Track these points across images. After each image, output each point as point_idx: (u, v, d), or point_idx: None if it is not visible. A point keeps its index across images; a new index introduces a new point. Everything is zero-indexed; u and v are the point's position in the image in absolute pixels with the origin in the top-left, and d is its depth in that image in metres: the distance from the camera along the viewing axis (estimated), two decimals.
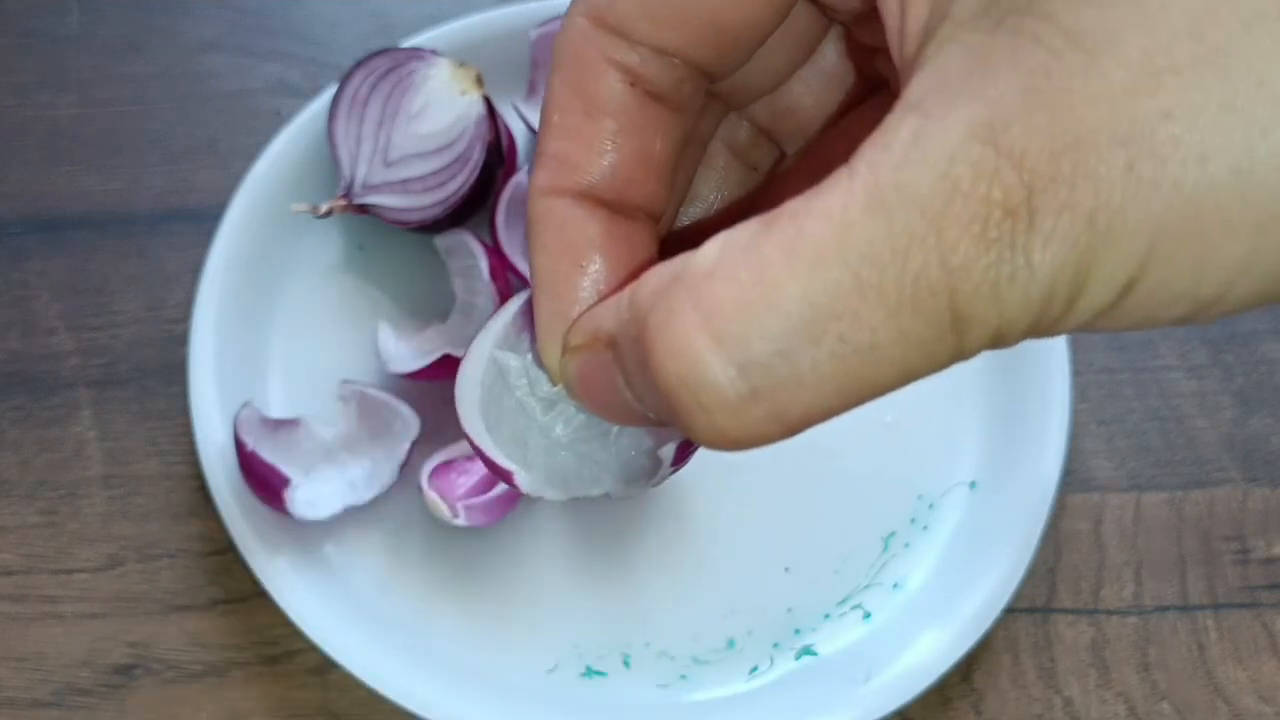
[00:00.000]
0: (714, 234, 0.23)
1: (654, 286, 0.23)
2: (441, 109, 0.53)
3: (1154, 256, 0.20)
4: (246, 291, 0.54)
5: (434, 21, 0.57)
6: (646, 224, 0.28)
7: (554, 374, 0.28)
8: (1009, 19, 0.21)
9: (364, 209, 0.53)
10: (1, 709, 0.50)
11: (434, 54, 0.53)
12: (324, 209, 0.52)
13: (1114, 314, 0.21)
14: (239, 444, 0.49)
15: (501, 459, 0.30)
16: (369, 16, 0.62)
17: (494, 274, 0.52)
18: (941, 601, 0.50)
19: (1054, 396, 0.52)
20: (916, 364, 0.22)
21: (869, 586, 0.52)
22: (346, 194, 0.52)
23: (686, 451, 0.30)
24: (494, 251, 0.53)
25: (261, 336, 0.54)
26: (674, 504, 0.53)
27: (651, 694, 0.50)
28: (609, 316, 0.25)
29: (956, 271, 0.21)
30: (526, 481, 0.30)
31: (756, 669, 0.50)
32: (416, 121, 0.53)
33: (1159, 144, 0.20)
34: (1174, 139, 0.20)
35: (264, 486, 0.48)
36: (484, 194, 0.54)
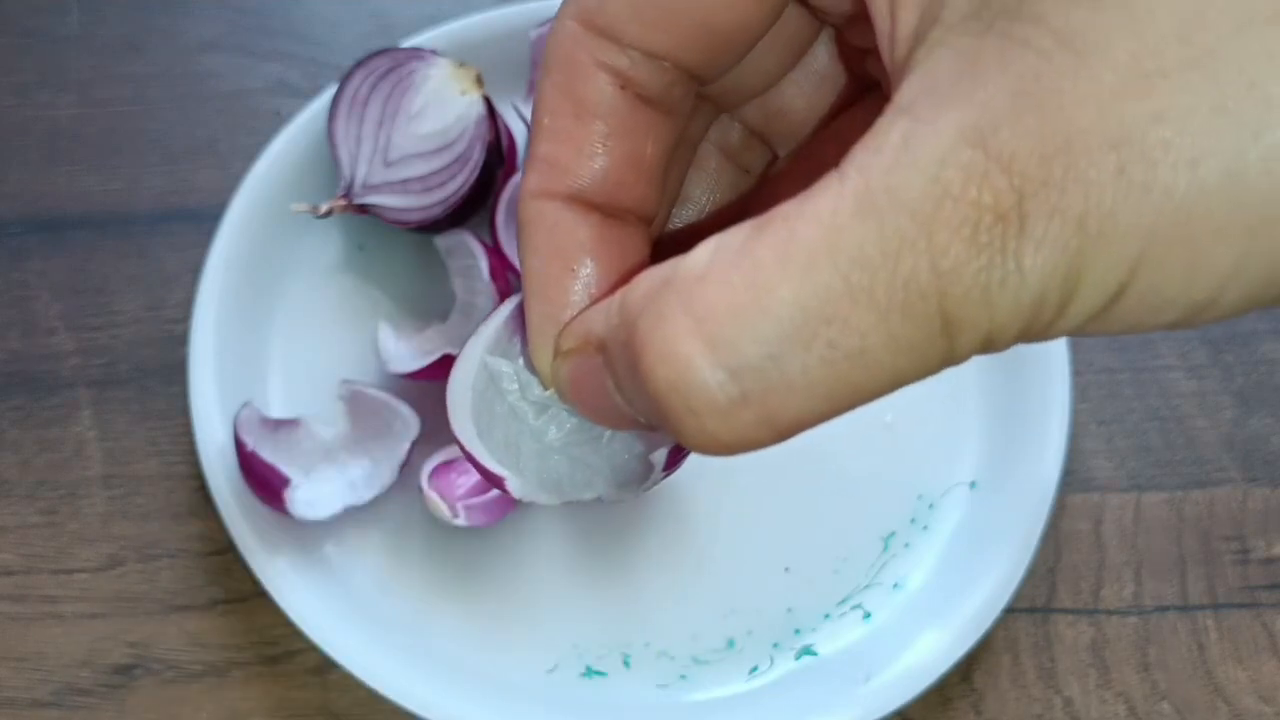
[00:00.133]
0: (706, 237, 0.23)
1: (645, 290, 0.23)
2: (441, 109, 0.53)
3: (1145, 261, 0.20)
4: (246, 291, 0.54)
5: (434, 21, 0.57)
6: (638, 227, 0.28)
7: (545, 378, 0.28)
8: (998, 22, 0.21)
9: (364, 209, 0.53)
10: (1, 709, 0.50)
11: (434, 54, 0.53)
12: (324, 209, 0.52)
13: (1105, 319, 0.21)
14: (239, 444, 0.49)
15: (493, 464, 0.30)
16: (369, 16, 0.62)
17: (494, 274, 0.52)
18: (941, 601, 0.50)
19: (1054, 396, 0.52)
20: (907, 368, 0.22)
21: (869, 586, 0.51)
22: (346, 194, 0.52)
23: (678, 456, 0.30)
24: (494, 251, 0.53)
25: (261, 336, 0.54)
26: (674, 504, 0.53)
27: (651, 694, 0.50)
28: (600, 320, 0.25)
29: (947, 275, 0.20)
30: (518, 487, 0.30)
31: (756, 669, 0.50)
32: (416, 121, 0.53)
33: (1149, 147, 0.20)
34: (1164, 142, 0.20)
35: (264, 486, 0.48)
36: (484, 194, 0.54)
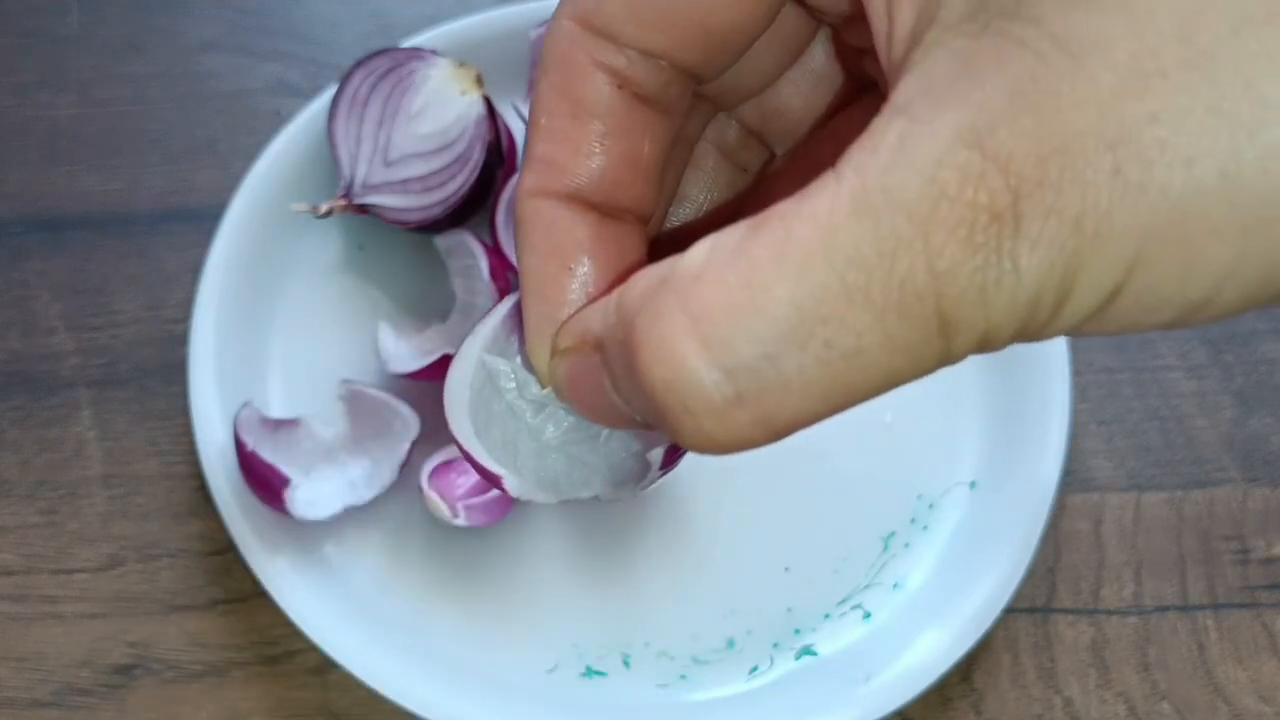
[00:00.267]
0: (703, 236, 0.23)
1: (641, 289, 0.23)
2: (441, 109, 0.53)
3: (1141, 261, 0.20)
4: (246, 291, 0.54)
5: (434, 21, 0.57)
6: (635, 226, 0.28)
7: (543, 376, 0.28)
8: (995, 23, 0.21)
9: (364, 209, 0.53)
10: (1, 709, 0.50)
11: (434, 54, 0.53)
12: (324, 209, 0.52)
13: (1101, 318, 0.21)
14: (239, 444, 0.49)
15: (490, 463, 0.30)
16: (369, 16, 0.62)
17: (494, 274, 0.52)
18: (941, 601, 0.50)
19: (1054, 396, 0.52)
20: (903, 368, 0.22)
21: (869, 586, 0.51)
22: (346, 194, 0.52)
23: (675, 455, 0.30)
24: (494, 251, 0.53)
25: (261, 336, 0.54)
26: (674, 504, 0.53)
27: (651, 694, 0.50)
28: (597, 319, 0.25)
29: (943, 276, 0.20)
30: (515, 485, 0.30)
31: (756, 669, 0.50)
32: (416, 121, 0.53)
33: (1146, 147, 0.20)
34: (1161, 142, 0.20)
35: (264, 486, 0.48)
36: (484, 194, 0.54)
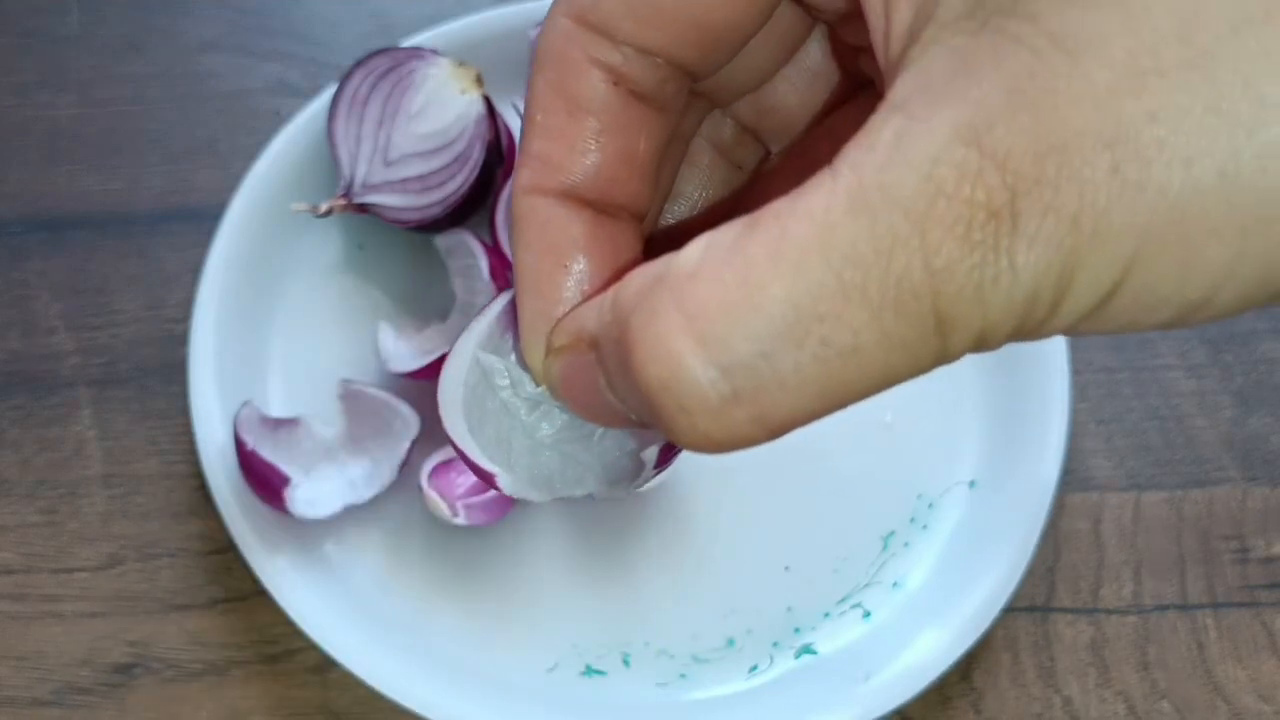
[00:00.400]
0: (698, 233, 0.23)
1: (637, 287, 0.23)
2: (441, 108, 0.53)
3: (1139, 260, 0.20)
4: (246, 291, 0.54)
5: (434, 21, 0.57)
6: (630, 223, 0.28)
7: (537, 374, 0.28)
8: (993, 21, 0.21)
9: (364, 209, 0.53)
10: (1, 708, 0.50)
11: (434, 53, 0.53)
12: (324, 209, 0.52)
13: (1098, 317, 0.21)
14: (239, 443, 0.49)
15: (484, 461, 0.30)
16: (369, 16, 0.62)
17: (494, 274, 0.52)
18: (941, 601, 0.50)
19: (1054, 396, 0.52)
20: (899, 367, 0.22)
21: (868, 585, 0.51)
22: (346, 194, 0.52)
23: (670, 454, 0.30)
24: (494, 251, 0.53)
25: (261, 336, 0.54)
26: (674, 504, 0.53)
27: (651, 693, 0.50)
28: (592, 317, 0.25)
29: (940, 273, 0.20)
30: (509, 483, 0.30)
31: (756, 668, 0.50)
32: (416, 121, 0.53)
33: (1144, 146, 0.20)
34: (1159, 141, 0.20)
35: (264, 485, 0.48)
36: (484, 193, 0.54)
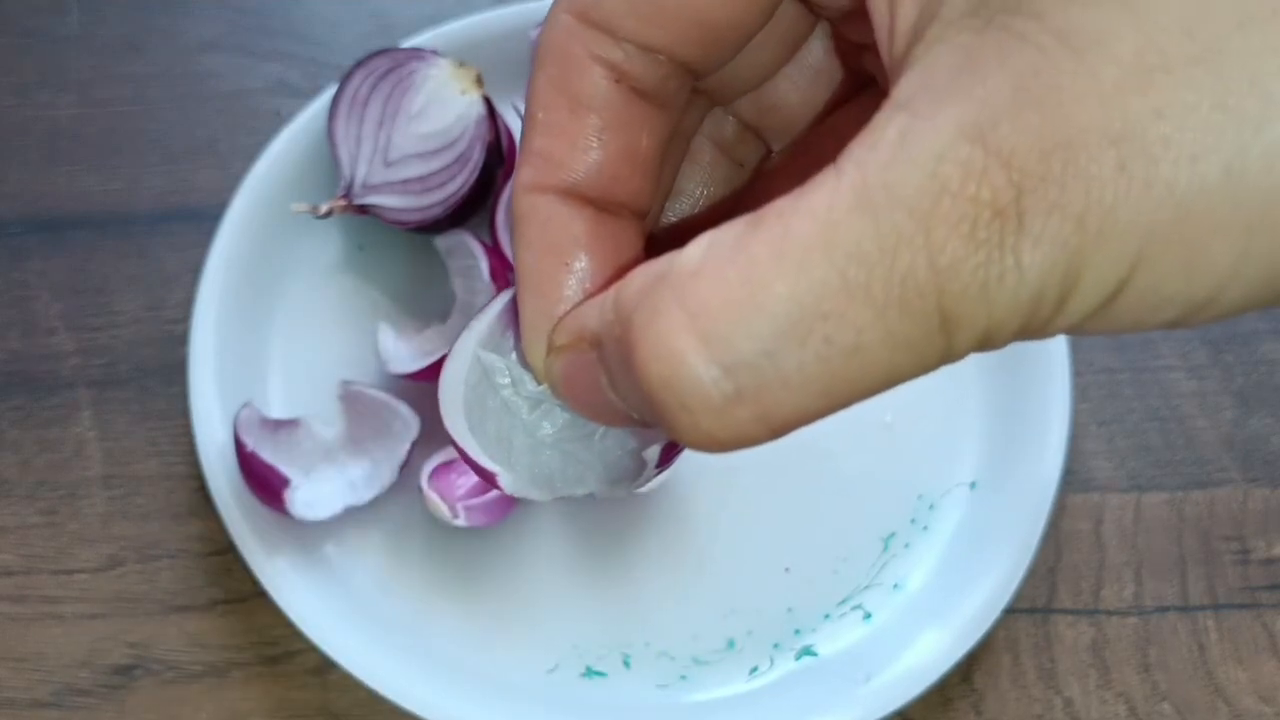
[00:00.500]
0: (699, 232, 0.23)
1: (639, 286, 0.23)
2: (442, 109, 0.53)
3: (1144, 258, 0.20)
4: (246, 291, 0.54)
5: (434, 21, 0.57)
6: (632, 221, 0.28)
7: (539, 373, 0.28)
8: (998, 18, 0.21)
9: (364, 209, 0.53)
10: (1, 709, 0.50)
11: (434, 54, 0.53)
12: (324, 209, 0.52)
13: (1104, 316, 0.21)
14: (239, 444, 0.49)
15: (485, 459, 0.29)
16: (369, 16, 0.62)
17: (494, 274, 0.52)
18: (941, 602, 0.50)
19: (1054, 396, 0.52)
20: (904, 365, 0.21)
21: (869, 587, 0.51)
22: (346, 194, 0.52)
23: (672, 453, 0.29)
24: (494, 252, 0.53)
25: (261, 336, 0.54)
26: (674, 504, 0.53)
27: (651, 694, 0.50)
28: (594, 316, 0.25)
29: (945, 272, 0.20)
30: (510, 482, 0.29)
31: (756, 669, 0.50)
32: (417, 121, 0.53)
33: (1150, 143, 0.20)
34: (1165, 138, 0.20)
35: (264, 487, 0.48)
36: (484, 194, 0.54)
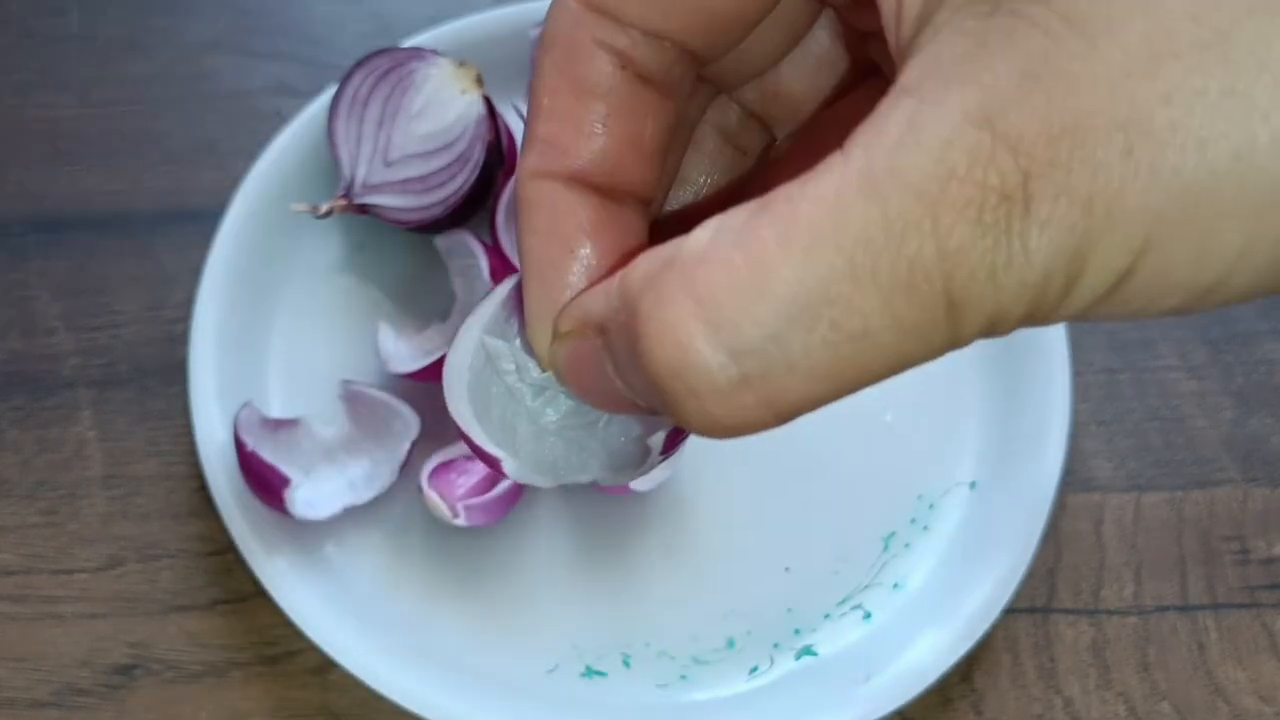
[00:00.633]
0: (702, 219, 0.23)
1: (645, 272, 0.23)
2: (442, 109, 0.53)
3: (1152, 244, 0.20)
4: (246, 291, 0.53)
5: (434, 21, 0.57)
6: (637, 209, 0.28)
7: (543, 360, 0.28)
8: (1006, 3, 0.21)
9: (364, 209, 0.53)
10: (1, 709, 0.49)
11: (434, 54, 0.53)
12: (324, 209, 0.52)
13: (1111, 302, 0.21)
14: (239, 444, 0.49)
15: (489, 445, 0.29)
16: (369, 16, 0.62)
17: (494, 274, 0.52)
18: (941, 601, 0.50)
19: (1054, 396, 0.52)
20: (910, 351, 0.21)
21: (869, 586, 0.51)
22: (346, 194, 0.52)
23: (676, 440, 0.29)
24: (494, 251, 0.53)
25: (261, 336, 0.54)
26: (674, 504, 0.53)
27: (651, 694, 0.50)
28: (599, 302, 0.25)
29: (952, 256, 0.20)
30: (514, 468, 0.29)
31: (756, 669, 0.50)
32: (417, 121, 0.53)
33: (1158, 129, 0.20)
34: (1173, 124, 0.20)
35: (264, 486, 0.48)
36: (484, 194, 0.54)
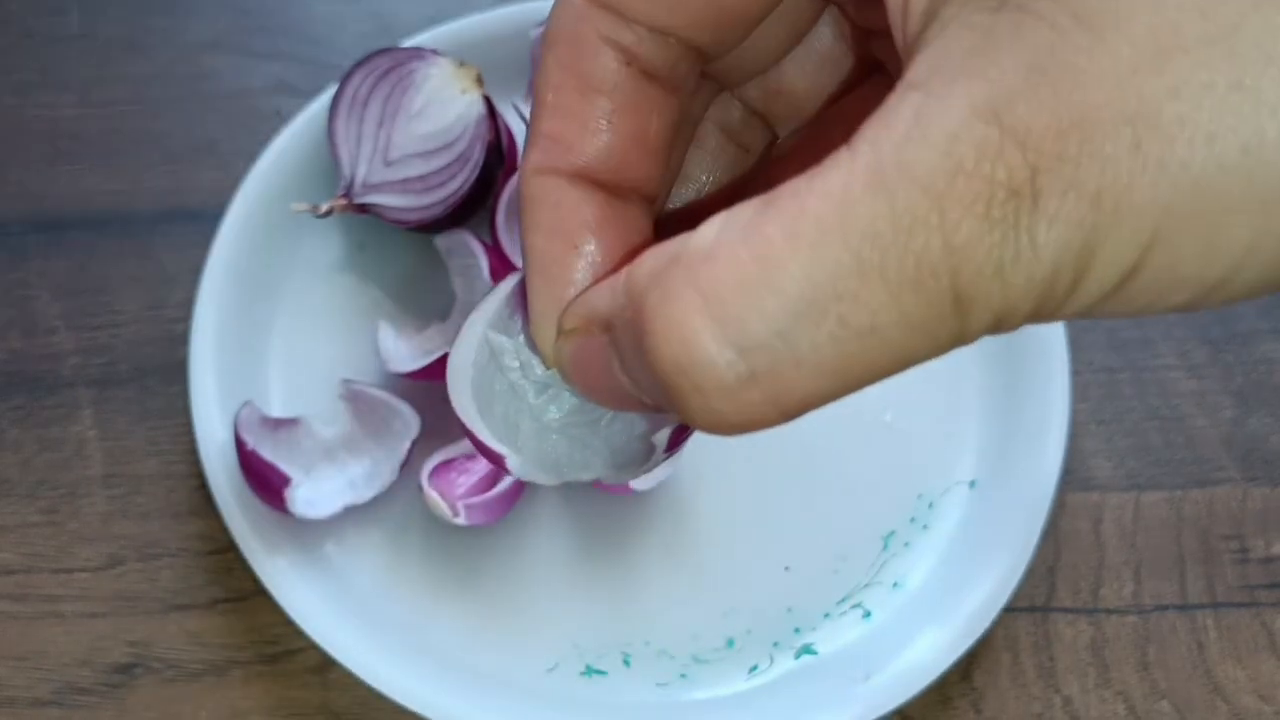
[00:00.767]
0: (705, 216, 0.22)
1: (650, 268, 0.23)
2: (442, 108, 0.53)
3: (1160, 238, 0.20)
4: (246, 291, 0.54)
5: (434, 21, 0.57)
6: (641, 205, 0.28)
7: (548, 357, 0.27)
8: None
9: (364, 209, 0.53)
10: (2, 708, 0.49)
11: (434, 53, 0.53)
12: (324, 209, 0.52)
13: (1118, 298, 0.21)
14: (239, 443, 0.49)
15: (492, 441, 0.29)
16: (369, 16, 0.62)
17: (494, 274, 0.52)
18: (941, 600, 0.50)
19: (1054, 396, 0.52)
20: (917, 347, 0.21)
21: (869, 585, 0.51)
22: (346, 194, 0.52)
23: (681, 437, 0.29)
24: (494, 251, 0.53)
25: (261, 336, 0.54)
26: (674, 504, 0.53)
27: (651, 693, 0.50)
28: (604, 299, 0.25)
29: (959, 252, 0.20)
30: (517, 465, 0.29)
31: (756, 668, 0.50)
32: (417, 121, 0.53)
33: (1166, 123, 0.20)
34: (1181, 118, 0.20)
35: (264, 486, 0.48)
36: (484, 194, 0.54)
